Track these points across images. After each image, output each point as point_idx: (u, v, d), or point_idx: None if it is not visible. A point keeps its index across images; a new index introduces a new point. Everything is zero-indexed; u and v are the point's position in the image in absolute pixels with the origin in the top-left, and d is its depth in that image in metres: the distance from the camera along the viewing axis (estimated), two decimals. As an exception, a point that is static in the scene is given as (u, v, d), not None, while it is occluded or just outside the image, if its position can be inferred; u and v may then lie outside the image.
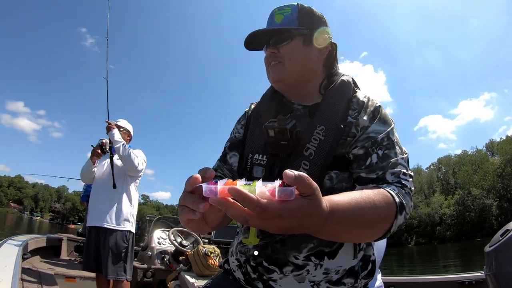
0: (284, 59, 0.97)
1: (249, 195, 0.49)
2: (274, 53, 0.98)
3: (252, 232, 0.89)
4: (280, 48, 0.97)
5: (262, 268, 0.90)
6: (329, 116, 0.91)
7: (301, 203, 0.52)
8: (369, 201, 0.70)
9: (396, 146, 0.87)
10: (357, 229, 0.69)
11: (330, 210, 0.59)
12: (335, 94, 0.96)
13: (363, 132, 0.88)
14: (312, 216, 0.54)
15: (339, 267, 0.88)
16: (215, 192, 0.53)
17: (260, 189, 0.51)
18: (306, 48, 0.98)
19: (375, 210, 0.70)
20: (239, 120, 1.13)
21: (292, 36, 0.97)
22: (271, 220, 0.51)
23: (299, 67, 0.98)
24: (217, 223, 0.63)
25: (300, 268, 0.87)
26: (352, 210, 0.65)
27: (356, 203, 0.67)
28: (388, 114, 0.93)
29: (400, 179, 0.81)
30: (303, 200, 0.52)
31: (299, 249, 0.88)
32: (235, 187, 0.50)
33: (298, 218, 0.52)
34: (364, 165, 0.85)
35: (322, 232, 0.63)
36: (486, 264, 1.65)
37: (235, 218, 0.52)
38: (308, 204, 0.53)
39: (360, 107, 0.92)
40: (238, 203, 0.51)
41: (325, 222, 0.58)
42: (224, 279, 1.03)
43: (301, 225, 0.54)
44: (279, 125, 0.87)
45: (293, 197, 0.51)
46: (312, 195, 0.53)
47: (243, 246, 0.96)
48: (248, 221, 0.51)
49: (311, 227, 0.57)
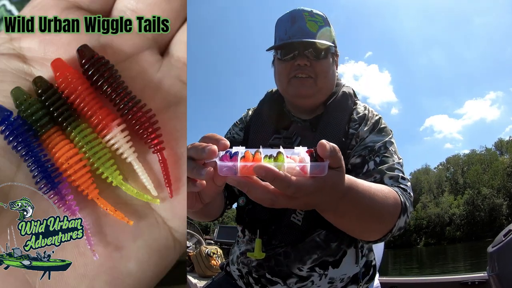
0: (317, 75, 0.92)
1: (281, 174, 0.43)
2: (306, 65, 0.91)
3: (257, 247, 0.89)
4: (314, 62, 0.91)
5: (265, 280, 0.90)
6: (332, 130, 0.90)
7: (331, 175, 0.48)
8: (381, 191, 0.68)
9: (394, 154, 0.87)
10: (366, 217, 0.66)
11: (349, 186, 0.56)
12: (337, 107, 0.95)
13: (361, 143, 0.89)
14: (336, 189, 0.51)
15: (344, 275, 0.89)
16: (234, 170, 0.45)
17: (289, 165, 0.45)
18: (333, 66, 0.97)
19: (385, 202, 0.68)
20: (236, 124, 1.10)
21: (327, 53, 0.93)
22: (300, 198, 0.47)
23: (329, 86, 0.96)
24: (211, 198, 0.57)
25: (304, 279, 0.88)
26: (366, 193, 0.63)
27: (370, 189, 0.65)
28: (387, 125, 0.93)
29: (400, 183, 0.81)
30: (332, 172, 0.48)
31: (303, 261, 0.88)
32: (262, 165, 0.43)
33: (326, 192, 0.49)
34: (361, 172, 0.85)
35: (336, 209, 0.59)
36: (488, 265, 1.64)
37: (258, 200, 0.46)
38: (336, 176, 0.49)
39: (361, 120, 0.93)
40: (260, 181, 0.46)
41: (343, 197, 0.55)
42: (227, 282, 1.02)
43: (324, 199, 0.51)
44: (285, 143, 0.86)
45: (325, 173, 0.46)
46: (341, 167, 0.50)
47: (245, 258, 0.94)
48: (274, 203, 0.46)
49: (331, 201, 0.53)
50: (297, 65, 0.91)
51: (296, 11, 0.95)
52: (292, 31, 0.92)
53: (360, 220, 0.67)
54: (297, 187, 0.44)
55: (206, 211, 0.87)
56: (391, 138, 0.90)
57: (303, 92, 0.92)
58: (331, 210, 0.60)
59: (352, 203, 0.60)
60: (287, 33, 0.93)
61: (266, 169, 0.43)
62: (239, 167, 0.44)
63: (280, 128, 0.96)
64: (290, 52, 0.93)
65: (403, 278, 2.46)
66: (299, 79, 0.92)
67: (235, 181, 0.46)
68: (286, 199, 0.46)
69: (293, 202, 0.47)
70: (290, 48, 0.92)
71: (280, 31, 0.96)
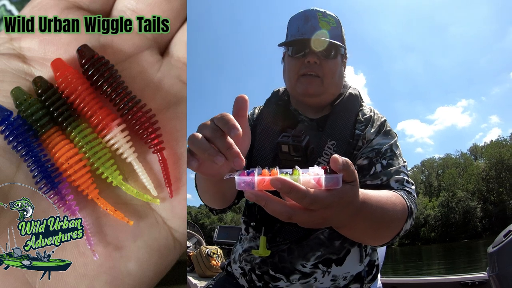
0: (325, 75, 0.92)
1: (297, 185, 0.44)
2: (316, 63, 0.91)
3: (262, 244, 0.89)
4: (324, 61, 0.92)
5: (268, 277, 0.90)
6: (339, 130, 0.91)
7: (346, 189, 0.48)
8: (390, 200, 0.70)
9: (399, 157, 0.89)
10: (378, 227, 0.68)
11: (362, 200, 0.57)
12: (343, 107, 0.96)
13: (367, 145, 0.90)
14: (352, 204, 0.51)
15: (347, 273, 0.90)
16: (252, 185, 0.46)
17: (304, 178, 0.46)
18: (341, 67, 0.97)
19: (395, 210, 0.70)
20: None
21: (337, 53, 0.94)
22: (317, 212, 0.47)
23: (336, 87, 0.97)
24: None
25: (307, 276, 0.88)
26: (378, 205, 0.64)
27: (381, 199, 0.66)
28: (392, 128, 0.95)
29: (405, 186, 0.83)
30: (347, 186, 0.48)
31: (306, 258, 0.88)
32: (278, 177, 0.44)
33: (342, 207, 0.49)
34: (368, 174, 0.86)
35: (352, 225, 0.59)
36: (489, 265, 1.64)
37: (275, 214, 0.47)
38: (351, 190, 0.49)
39: (367, 121, 0.93)
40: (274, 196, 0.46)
41: (358, 212, 0.55)
42: (227, 282, 1.02)
43: (341, 214, 0.50)
44: (294, 142, 0.85)
45: (340, 185, 0.46)
46: (355, 181, 0.50)
47: (248, 255, 0.94)
48: (292, 217, 0.47)
49: (347, 217, 0.53)
50: (307, 62, 0.92)
51: (310, 11, 0.96)
52: (305, 29, 0.93)
53: (372, 231, 0.69)
54: (313, 198, 0.45)
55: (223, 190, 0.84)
56: (396, 141, 0.92)
57: (310, 91, 0.93)
58: (347, 226, 0.60)
59: (366, 216, 0.61)
60: (299, 30, 0.94)
61: (282, 181, 0.44)
62: (256, 181, 0.46)
63: (287, 127, 0.97)
64: (301, 49, 0.93)
65: (403, 278, 2.46)
66: (307, 77, 0.93)
67: (253, 195, 0.46)
68: (303, 213, 0.47)
69: (311, 216, 0.47)
70: (301, 44, 0.93)
71: (293, 29, 0.97)
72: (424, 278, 2.41)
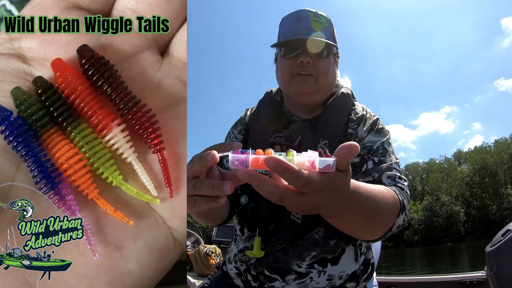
0: (318, 73, 0.93)
1: (291, 165, 0.44)
2: (309, 63, 0.92)
3: (257, 245, 0.89)
4: (317, 60, 0.93)
5: (263, 277, 0.90)
6: (332, 130, 0.92)
7: (338, 176, 0.48)
8: (381, 193, 0.70)
9: (391, 155, 0.89)
10: (368, 218, 0.67)
11: (353, 190, 0.57)
12: (336, 107, 0.97)
13: (360, 143, 0.90)
14: (342, 192, 0.51)
15: (342, 273, 0.90)
16: (245, 163, 0.46)
17: (299, 159, 0.45)
18: (334, 66, 0.98)
19: (386, 203, 0.70)
20: (235, 125, 1.10)
21: (329, 53, 0.95)
22: (308, 195, 0.47)
23: (329, 85, 0.98)
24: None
25: (303, 276, 0.88)
26: (368, 196, 0.64)
27: (372, 191, 0.66)
28: (384, 126, 0.95)
29: (397, 182, 0.83)
30: (340, 173, 0.48)
31: (301, 258, 0.88)
32: (273, 156, 0.44)
33: (333, 192, 0.49)
34: (360, 171, 0.86)
35: (342, 214, 0.59)
36: (487, 264, 1.65)
37: (267, 195, 0.46)
38: (343, 178, 0.49)
39: (360, 120, 0.94)
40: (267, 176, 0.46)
41: (348, 201, 0.55)
42: (222, 281, 1.02)
43: (331, 202, 0.50)
44: (286, 142, 0.86)
45: (333, 169, 0.46)
46: (348, 171, 0.50)
47: (243, 255, 0.94)
48: (283, 199, 0.46)
49: (337, 205, 0.53)
50: (300, 62, 0.92)
51: (301, 11, 0.96)
52: (297, 30, 0.94)
53: (362, 222, 0.68)
54: (306, 180, 0.45)
55: (212, 213, 0.88)
56: (388, 139, 0.92)
57: (304, 89, 0.93)
58: (337, 215, 0.60)
59: (356, 207, 0.61)
60: (291, 31, 0.95)
61: (276, 160, 0.43)
62: (250, 160, 0.45)
63: (280, 128, 0.97)
64: (294, 50, 0.93)
65: (401, 278, 2.47)
66: (301, 77, 0.93)
67: (246, 174, 0.46)
68: (295, 195, 0.46)
69: (302, 199, 0.47)
70: (294, 45, 0.94)
71: (285, 29, 0.98)
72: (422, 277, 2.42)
